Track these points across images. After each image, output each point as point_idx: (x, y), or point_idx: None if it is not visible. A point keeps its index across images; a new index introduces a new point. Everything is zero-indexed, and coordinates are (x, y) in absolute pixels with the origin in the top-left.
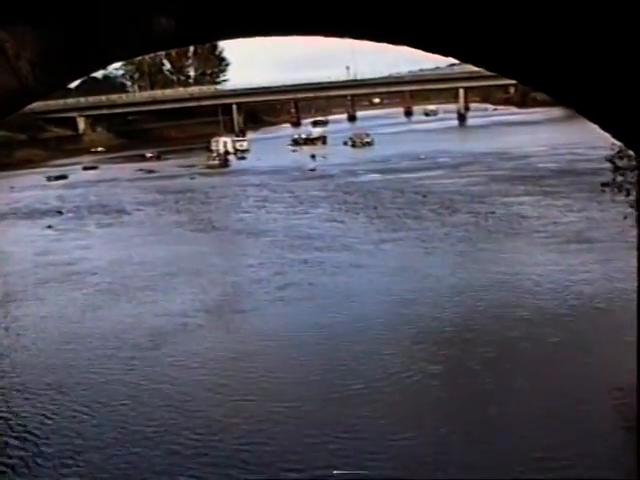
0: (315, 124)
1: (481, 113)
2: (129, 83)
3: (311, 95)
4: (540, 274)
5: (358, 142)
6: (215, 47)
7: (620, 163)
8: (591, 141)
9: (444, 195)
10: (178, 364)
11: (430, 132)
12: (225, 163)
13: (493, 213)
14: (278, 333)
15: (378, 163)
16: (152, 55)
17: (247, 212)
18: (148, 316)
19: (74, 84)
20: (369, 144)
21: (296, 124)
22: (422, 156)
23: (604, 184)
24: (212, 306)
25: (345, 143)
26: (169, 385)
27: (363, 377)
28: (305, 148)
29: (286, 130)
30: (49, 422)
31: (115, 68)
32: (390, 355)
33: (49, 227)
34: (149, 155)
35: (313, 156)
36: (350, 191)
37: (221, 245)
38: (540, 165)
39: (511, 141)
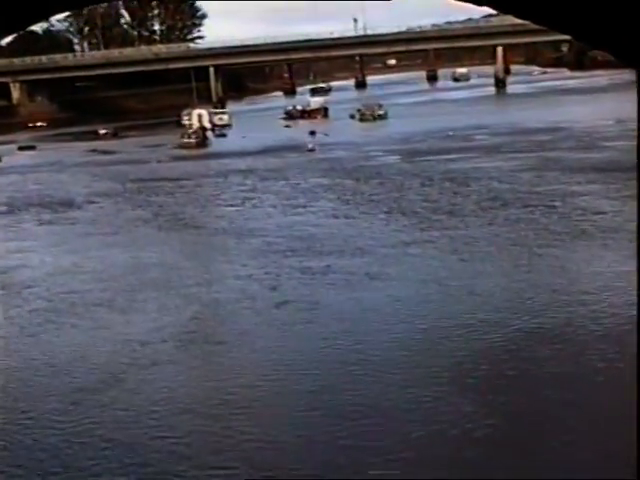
0: (314, 92)
1: (525, 78)
2: (77, 40)
3: (309, 55)
4: (621, 290)
5: (368, 115)
6: None
7: None
8: None
9: (486, 184)
10: (134, 415)
11: (460, 102)
12: (203, 142)
13: (552, 208)
14: (271, 371)
15: (395, 142)
16: (106, 4)
17: (231, 206)
18: (99, 345)
19: (5, 41)
20: (382, 117)
21: (290, 92)
22: (451, 133)
23: None
24: (185, 332)
25: (352, 117)
26: (118, 447)
27: (381, 440)
28: (301, 123)
29: (277, 100)
30: None
31: (58, 20)
32: (419, 410)
33: None
34: (103, 132)
35: (312, 133)
36: (361, 178)
37: (198, 249)
38: (607, 144)
39: (566, 114)
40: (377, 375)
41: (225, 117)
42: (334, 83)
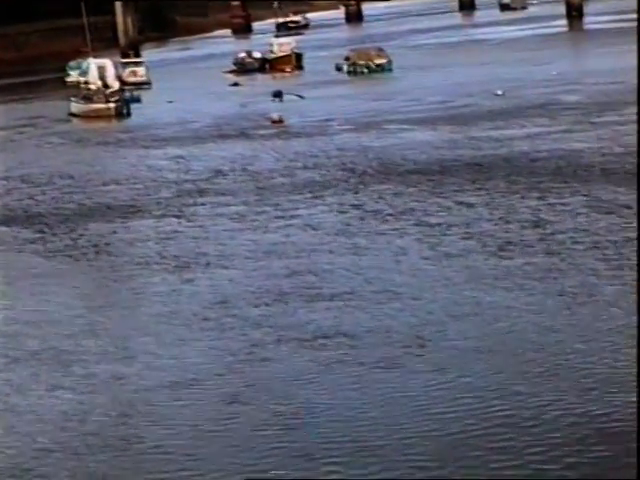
0: (282, 30)
1: (614, 4)
2: None
3: None
4: None
5: (362, 66)
6: None
7: None
8: None
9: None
10: None
11: (512, 43)
12: (120, 110)
13: None
14: None
15: (412, 106)
16: None
17: (158, 217)
18: None
19: None
20: (384, 69)
21: (243, 30)
22: (500, 92)
23: None
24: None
25: (339, 68)
26: None
27: None
28: (260, 79)
29: (223, 43)
30: None
31: None
32: None
33: None
34: None
35: (277, 94)
36: (366, 168)
37: (102, 295)
38: None
39: None
40: None
41: (140, 71)
42: (313, 15)
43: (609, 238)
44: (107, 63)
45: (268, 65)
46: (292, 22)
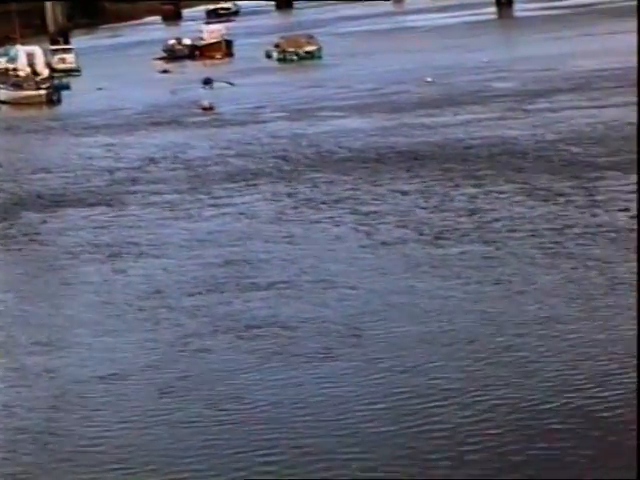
0: (212, 17)
1: None
2: None
3: None
4: None
5: (292, 53)
6: None
7: None
8: None
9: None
10: None
11: (442, 30)
12: (51, 97)
13: None
14: None
15: (343, 93)
16: None
17: (90, 206)
18: None
19: None
20: (314, 56)
21: (173, 17)
22: (429, 79)
23: None
24: None
25: (268, 55)
26: None
27: None
28: (190, 65)
29: (153, 30)
30: None
31: None
32: None
33: None
34: None
35: (207, 81)
36: (299, 156)
37: (33, 285)
38: None
39: (629, 45)
40: None
41: (69, 58)
42: (243, 2)
43: (545, 226)
44: (36, 50)
45: (198, 52)
46: (222, 9)
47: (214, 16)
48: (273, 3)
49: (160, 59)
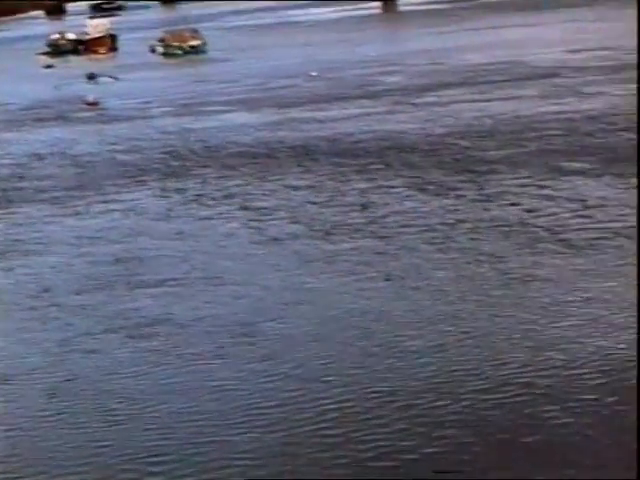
0: (96, 12)
1: None
2: None
3: None
4: None
5: (176, 47)
6: None
7: None
8: None
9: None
10: None
11: (327, 25)
12: None
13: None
14: None
15: (230, 88)
16: None
17: None
18: None
19: None
20: (199, 51)
21: (56, 12)
22: (314, 73)
23: None
24: None
25: (153, 50)
26: None
27: None
28: (74, 60)
29: (35, 25)
30: None
31: None
32: None
33: None
34: None
35: (92, 76)
36: (188, 152)
37: None
38: None
39: (514, 39)
40: None
41: None
42: None
43: (437, 221)
44: None
45: (82, 47)
46: (107, 3)
47: (99, 10)
48: None
49: (44, 54)
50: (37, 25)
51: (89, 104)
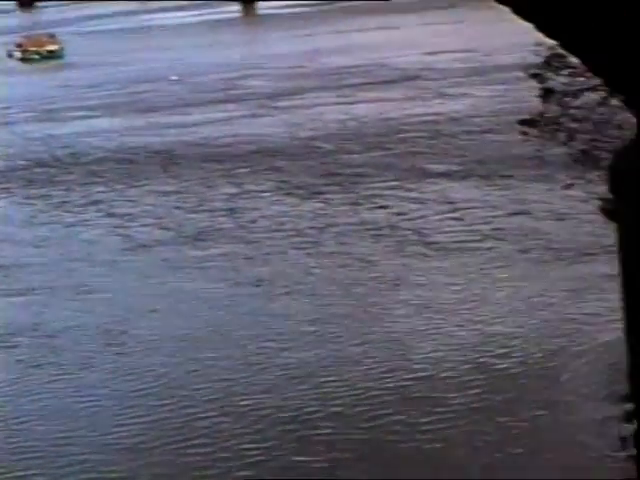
0: None
1: None
2: None
3: None
4: None
5: (33, 52)
6: None
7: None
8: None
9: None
10: None
11: (187, 29)
12: None
13: None
14: None
15: (90, 93)
16: None
17: None
18: None
19: None
20: (55, 56)
21: None
22: (174, 77)
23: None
24: None
25: (10, 55)
26: None
27: None
28: None
29: None
30: None
31: None
32: None
33: None
34: None
35: None
36: (51, 158)
37: None
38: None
39: (376, 41)
40: None
41: None
42: None
43: (306, 225)
44: None
45: None
46: None
47: None
48: (14, 3)
49: None
50: None
51: None
